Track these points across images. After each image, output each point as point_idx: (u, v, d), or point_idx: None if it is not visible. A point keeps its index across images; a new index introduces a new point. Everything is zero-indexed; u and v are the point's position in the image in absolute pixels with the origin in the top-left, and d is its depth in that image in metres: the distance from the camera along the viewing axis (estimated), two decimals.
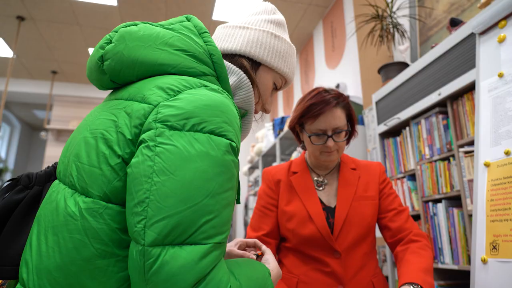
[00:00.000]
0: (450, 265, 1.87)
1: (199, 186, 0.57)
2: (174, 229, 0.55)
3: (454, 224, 1.85)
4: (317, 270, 1.15)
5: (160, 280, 0.53)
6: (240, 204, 7.04)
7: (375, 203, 1.24)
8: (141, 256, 0.54)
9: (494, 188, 1.15)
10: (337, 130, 1.19)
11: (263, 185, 1.31)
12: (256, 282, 0.67)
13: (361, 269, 1.16)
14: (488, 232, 1.13)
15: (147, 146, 0.60)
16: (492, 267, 1.07)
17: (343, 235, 1.16)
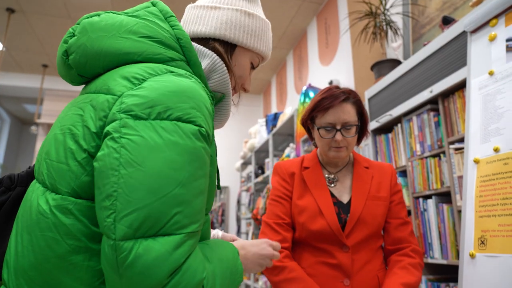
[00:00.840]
0: (439, 259, 1.90)
1: (168, 176, 0.56)
2: (145, 221, 0.54)
3: (444, 219, 1.88)
4: (323, 263, 1.17)
5: (134, 273, 0.52)
6: (233, 201, 7.05)
7: (386, 204, 1.26)
8: (113, 251, 0.53)
9: (483, 184, 1.17)
10: (347, 125, 1.20)
11: (277, 177, 1.32)
12: (227, 263, 0.67)
13: (367, 263, 1.18)
14: (477, 227, 1.15)
15: (112, 138, 0.58)
16: (480, 261, 1.10)
17: (355, 232, 1.18)
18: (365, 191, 1.24)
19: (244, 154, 5.76)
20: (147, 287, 0.52)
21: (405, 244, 1.23)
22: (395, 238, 1.24)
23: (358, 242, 1.17)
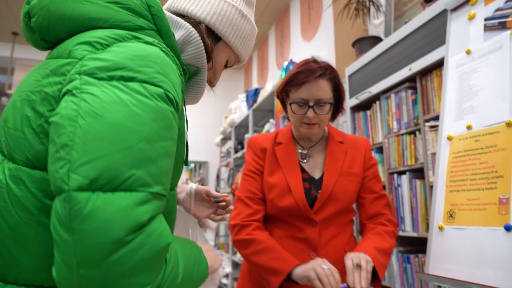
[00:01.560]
0: (410, 232, 1.98)
1: (131, 129, 0.52)
2: (104, 173, 0.49)
3: (416, 194, 1.94)
4: (292, 237, 1.18)
5: (90, 227, 0.47)
6: (212, 176, 7.07)
7: (359, 180, 1.26)
8: (66, 203, 0.48)
9: (454, 160, 1.21)
10: (320, 102, 1.17)
11: (250, 152, 1.31)
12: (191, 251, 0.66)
13: (335, 237, 1.20)
14: (447, 201, 1.20)
15: (72, 94, 0.55)
16: (448, 233, 1.15)
17: (325, 208, 1.19)
18: (337, 167, 1.23)
19: (224, 129, 5.73)
20: (103, 245, 0.47)
21: (379, 216, 1.26)
22: (371, 213, 1.26)
23: (327, 218, 1.19)
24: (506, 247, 0.96)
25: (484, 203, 1.06)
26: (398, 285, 2.07)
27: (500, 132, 1.08)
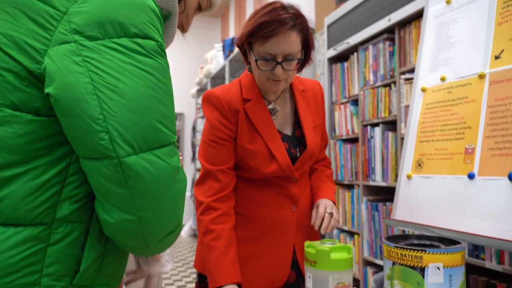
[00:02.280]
0: (380, 182, 2.06)
1: (147, 94, 0.58)
2: (140, 139, 0.57)
3: (388, 146, 2.00)
4: (274, 193, 1.18)
5: (144, 183, 0.57)
6: (188, 127, 7.00)
7: (321, 129, 1.27)
8: (118, 168, 0.56)
9: (426, 111, 1.24)
10: (289, 57, 1.06)
11: (215, 113, 1.14)
12: None
13: (305, 189, 1.24)
14: (416, 151, 1.23)
15: (75, 62, 0.55)
16: (415, 181, 1.20)
17: (303, 165, 1.20)
18: (311, 122, 1.22)
19: (200, 80, 5.60)
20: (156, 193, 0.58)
21: (324, 160, 1.35)
22: (320, 157, 1.34)
23: (303, 173, 1.22)
24: (468, 194, 1.01)
25: (451, 152, 1.10)
26: (366, 231, 2.19)
27: (472, 84, 1.10)
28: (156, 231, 0.61)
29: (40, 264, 0.58)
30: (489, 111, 1.02)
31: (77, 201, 0.60)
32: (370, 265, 2.22)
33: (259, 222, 1.18)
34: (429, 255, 0.72)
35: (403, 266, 0.74)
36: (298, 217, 1.19)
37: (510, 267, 1.45)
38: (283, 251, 1.16)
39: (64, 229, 0.60)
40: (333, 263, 0.95)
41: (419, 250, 0.72)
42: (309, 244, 1.01)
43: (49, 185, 0.58)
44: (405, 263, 0.74)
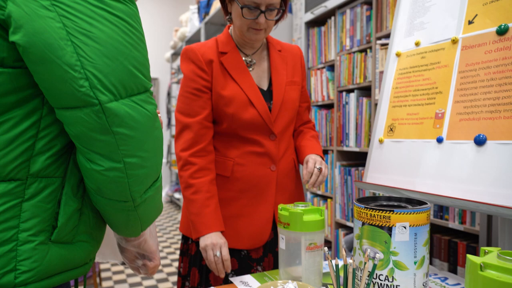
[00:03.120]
0: (353, 147, 2.10)
1: (122, 40, 0.57)
2: (118, 85, 0.56)
3: (362, 112, 2.02)
4: (252, 152, 1.20)
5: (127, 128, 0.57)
6: (163, 93, 6.84)
7: (299, 88, 1.29)
8: (101, 114, 0.55)
9: (400, 76, 1.24)
10: (271, 7, 1.11)
11: (191, 66, 1.18)
12: None
13: (287, 149, 1.25)
14: (389, 116, 1.25)
15: (43, 6, 0.52)
16: (387, 146, 1.22)
17: (279, 119, 1.21)
18: (283, 76, 1.24)
19: (174, 43, 5.41)
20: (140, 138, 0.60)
21: (309, 122, 1.38)
22: (304, 120, 1.36)
23: (282, 130, 1.22)
24: (436, 158, 1.04)
25: (422, 117, 1.12)
26: (339, 195, 2.26)
27: (445, 49, 1.11)
28: (141, 179, 0.62)
29: (16, 220, 0.57)
30: (460, 76, 1.04)
31: (51, 156, 0.59)
32: (341, 227, 2.30)
33: (239, 182, 1.20)
34: (396, 215, 0.74)
35: (371, 226, 0.77)
36: (279, 177, 1.21)
37: (471, 227, 1.55)
38: (264, 212, 1.19)
39: (38, 184, 0.59)
40: (305, 224, 0.97)
41: (388, 210, 0.75)
42: (282, 207, 1.03)
43: (20, 140, 0.57)
44: (374, 223, 0.77)
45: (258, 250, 1.22)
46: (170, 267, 3.43)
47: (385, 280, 0.76)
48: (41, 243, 0.60)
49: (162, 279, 3.18)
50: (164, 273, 3.28)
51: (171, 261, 3.62)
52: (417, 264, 0.75)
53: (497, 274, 0.55)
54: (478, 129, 0.95)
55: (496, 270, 0.56)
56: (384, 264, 0.76)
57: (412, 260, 0.75)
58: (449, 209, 1.62)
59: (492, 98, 0.94)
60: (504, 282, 0.53)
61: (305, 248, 0.98)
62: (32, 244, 0.58)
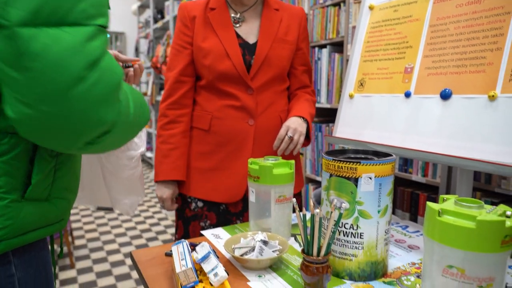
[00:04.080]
0: (325, 104, 2.12)
1: None
2: (45, 4, 0.46)
3: (334, 68, 2.02)
4: (229, 106, 1.20)
5: (44, 66, 0.46)
6: (130, 48, 6.53)
7: (293, 48, 1.27)
8: (10, 41, 0.45)
9: (372, 30, 1.23)
10: None
11: (178, 23, 1.24)
12: (137, 95, 0.66)
13: (271, 105, 1.24)
14: (359, 71, 1.25)
15: None
16: (357, 101, 1.23)
17: (260, 74, 1.20)
18: (272, 32, 1.22)
19: None
20: (61, 81, 0.47)
21: (306, 87, 1.35)
22: (301, 83, 1.33)
23: (263, 84, 1.21)
24: (403, 112, 1.06)
25: (392, 72, 1.13)
26: (309, 151, 2.30)
27: (418, 2, 1.10)
28: (71, 132, 0.52)
29: None
30: (430, 30, 1.04)
31: None
32: (311, 182, 2.37)
33: (217, 136, 1.21)
34: (363, 166, 0.76)
35: (339, 178, 0.79)
36: (257, 132, 1.21)
37: (432, 179, 1.63)
38: (241, 166, 1.20)
39: (9, 140, 0.56)
40: (275, 177, 0.99)
41: (354, 162, 0.76)
42: (252, 161, 1.03)
43: None
44: (341, 175, 0.78)
45: (237, 204, 1.24)
46: (142, 225, 3.46)
47: (350, 228, 0.79)
48: (14, 201, 0.58)
49: (135, 236, 3.21)
50: (138, 230, 3.32)
51: (144, 218, 3.64)
52: (380, 212, 0.78)
53: (453, 219, 0.58)
54: (445, 84, 0.97)
55: (453, 215, 0.59)
56: (350, 213, 0.78)
57: (376, 209, 0.78)
58: (413, 163, 1.69)
59: (459, 52, 0.95)
60: (459, 226, 0.56)
61: (274, 200, 0.99)
62: (4, 201, 0.57)
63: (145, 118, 0.69)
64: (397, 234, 1.09)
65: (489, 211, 0.59)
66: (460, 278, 0.57)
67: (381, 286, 0.78)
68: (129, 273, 2.54)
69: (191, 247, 0.89)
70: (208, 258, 0.78)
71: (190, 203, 1.25)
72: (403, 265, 0.88)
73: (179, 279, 0.73)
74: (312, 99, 1.33)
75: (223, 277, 0.74)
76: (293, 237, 1.05)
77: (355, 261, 0.79)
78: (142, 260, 0.91)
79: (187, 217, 1.26)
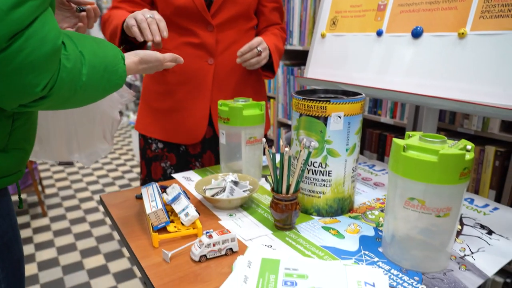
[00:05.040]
0: (297, 46, 2.07)
1: None
2: None
3: (307, 8, 1.94)
4: (188, 44, 1.13)
5: None
6: None
7: None
8: None
9: None
10: None
11: None
12: (104, 59, 0.62)
13: (234, 44, 1.18)
14: (332, 9, 1.21)
15: None
16: (329, 40, 1.20)
17: (222, 11, 1.12)
18: None
19: None
20: None
21: (276, 23, 1.29)
22: (270, 21, 1.27)
23: (225, 21, 1.14)
24: (375, 51, 1.05)
25: (365, 9, 1.09)
26: (281, 95, 2.28)
27: None
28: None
29: None
30: None
31: None
32: (283, 126, 2.38)
33: (175, 75, 1.16)
34: (332, 105, 0.76)
35: (308, 117, 0.78)
36: (217, 72, 1.16)
37: (400, 120, 1.67)
38: (200, 107, 1.17)
39: None
40: (245, 119, 0.97)
41: (324, 101, 0.76)
42: (222, 102, 1.01)
43: None
44: (311, 114, 0.78)
45: (196, 146, 1.23)
46: (115, 172, 3.44)
47: (318, 166, 0.80)
48: None
49: (108, 183, 3.19)
50: (110, 178, 3.30)
51: (116, 166, 3.61)
52: (348, 151, 0.80)
53: (417, 153, 0.60)
54: (417, 22, 0.95)
55: (417, 150, 0.60)
56: (319, 152, 0.79)
57: (344, 147, 0.79)
58: (382, 105, 1.72)
59: None
60: (422, 160, 0.58)
61: (245, 142, 0.99)
62: None
63: (113, 83, 0.65)
64: (364, 173, 1.12)
65: (451, 146, 0.61)
66: (420, 209, 0.60)
67: (347, 220, 0.82)
68: (104, 219, 2.56)
69: (161, 190, 0.88)
70: (178, 199, 0.78)
71: (151, 144, 1.24)
72: (369, 201, 0.92)
73: (150, 220, 0.73)
74: (281, 34, 1.28)
75: (194, 216, 0.75)
76: (264, 178, 1.07)
77: (323, 198, 0.82)
78: (112, 204, 0.90)
79: (148, 158, 1.25)
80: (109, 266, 2.04)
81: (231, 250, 0.69)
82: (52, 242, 2.26)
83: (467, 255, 0.69)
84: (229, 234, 0.68)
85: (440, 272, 0.64)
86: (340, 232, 0.76)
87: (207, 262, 0.66)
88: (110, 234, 2.37)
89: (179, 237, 0.74)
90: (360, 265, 0.64)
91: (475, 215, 0.85)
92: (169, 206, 0.82)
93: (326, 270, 0.60)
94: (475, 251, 0.70)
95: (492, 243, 0.73)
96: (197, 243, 0.67)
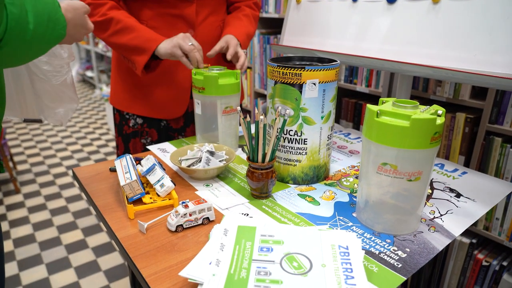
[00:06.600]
0: (273, 14, 2.02)
1: None
2: None
3: None
4: (166, 14, 1.08)
5: None
6: None
7: None
8: None
9: None
10: None
11: None
12: (45, 6, 0.59)
13: (211, 14, 1.14)
14: None
15: None
16: (304, 7, 1.18)
17: None
18: None
19: None
20: None
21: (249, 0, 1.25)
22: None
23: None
24: (351, 18, 1.04)
25: None
26: (258, 65, 2.25)
27: None
28: None
29: None
30: None
31: None
32: (260, 96, 2.37)
33: None
34: (307, 72, 0.75)
35: (283, 84, 0.77)
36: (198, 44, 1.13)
37: (375, 89, 1.68)
38: (182, 80, 1.14)
39: None
40: (221, 88, 0.95)
41: (299, 68, 0.75)
42: (196, 71, 0.98)
43: None
44: (286, 81, 0.77)
45: (178, 120, 1.21)
46: (90, 147, 3.36)
47: (294, 135, 0.80)
48: None
49: (83, 158, 3.12)
50: (85, 153, 3.22)
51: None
52: (323, 118, 0.80)
53: (390, 119, 0.60)
54: None
55: (390, 115, 0.61)
56: (294, 120, 0.79)
57: (319, 115, 0.79)
58: (358, 74, 1.72)
59: None
60: (395, 125, 0.58)
61: (221, 112, 0.98)
62: None
63: (56, 36, 0.62)
64: (340, 141, 1.14)
65: (423, 111, 0.61)
66: (393, 174, 0.62)
67: (322, 187, 0.83)
68: (80, 194, 2.52)
69: (136, 162, 0.87)
70: (153, 170, 0.77)
71: (129, 120, 1.19)
72: (344, 168, 0.94)
73: (124, 192, 0.72)
74: (254, 13, 1.23)
75: (170, 187, 0.74)
76: (241, 148, 1.07)
77: (298, 166, 0.83)
78: (85, 177, 0.88)
79: (126, 134, 1.21)
80: (88, 240, 2.03)
81: (208, 219, 0.69)
82: (27, 219, 2.22)
83: (436, 217, 0.72)
84: (205, 204, 0.68)
85: (410, 234, 0.66)
86: (316, 199, 0.78)
87: (183, 232, 0.66)
88: (88, 209, 2.34)
89: (155, 208, 0.74)
90: (334, 230, 0.66)
91: (445, 179, 0.88)
92: (144, 178, 0.81)
93: (301, 236, 0.62)
94: (443, 213, 0.73)
95: (460, 205, 0.76)
96: (173, 213, 0.67)
